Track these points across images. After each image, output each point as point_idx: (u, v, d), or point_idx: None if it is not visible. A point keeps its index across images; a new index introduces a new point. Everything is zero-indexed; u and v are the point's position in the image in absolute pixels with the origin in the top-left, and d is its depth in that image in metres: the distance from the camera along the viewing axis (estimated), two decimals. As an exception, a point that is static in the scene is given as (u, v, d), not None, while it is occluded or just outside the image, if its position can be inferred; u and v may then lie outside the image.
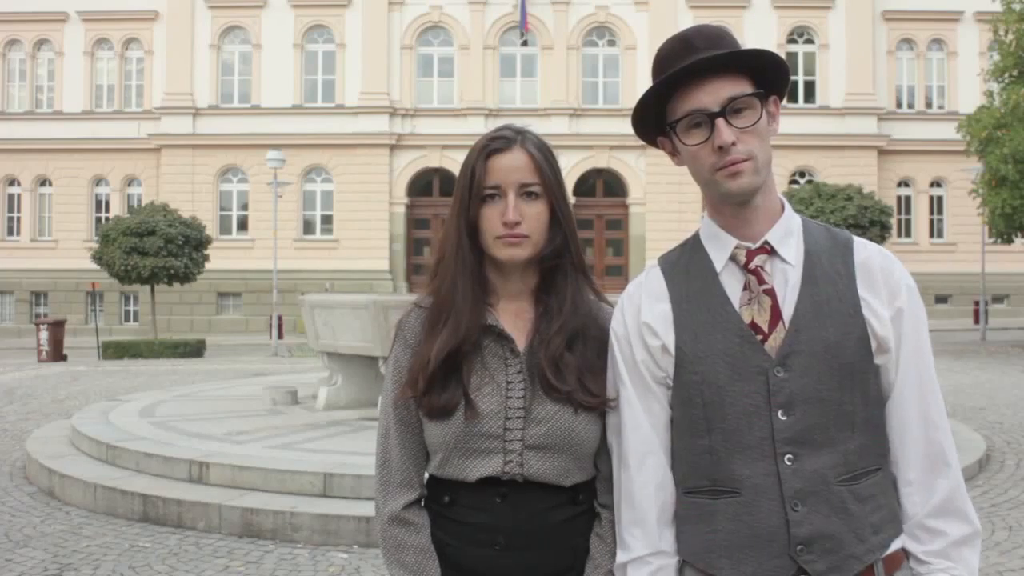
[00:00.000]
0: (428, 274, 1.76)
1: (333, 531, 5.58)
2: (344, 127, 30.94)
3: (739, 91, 1.49)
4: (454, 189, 1.71)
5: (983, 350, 20.15)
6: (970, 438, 8.43)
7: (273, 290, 25.06)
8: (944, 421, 1.55)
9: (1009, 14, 20.55)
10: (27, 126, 31.70)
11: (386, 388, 1.72)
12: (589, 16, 31.32)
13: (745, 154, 1.48)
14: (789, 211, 1.60)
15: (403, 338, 1.72)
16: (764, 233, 1.55)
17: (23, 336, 28.70)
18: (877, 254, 1.56)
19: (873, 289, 1.52)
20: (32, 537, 5.78)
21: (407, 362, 1.69)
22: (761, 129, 1.51)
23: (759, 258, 1.54)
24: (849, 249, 1.55)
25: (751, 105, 1.49)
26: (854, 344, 1.48)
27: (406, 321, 1.73)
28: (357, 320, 8.22)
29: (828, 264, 1.53)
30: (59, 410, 11.25)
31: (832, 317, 1.49)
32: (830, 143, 30.71)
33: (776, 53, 1.53)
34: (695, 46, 1.50)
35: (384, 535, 1.69)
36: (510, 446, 1.61)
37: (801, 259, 1.54)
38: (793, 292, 1.52)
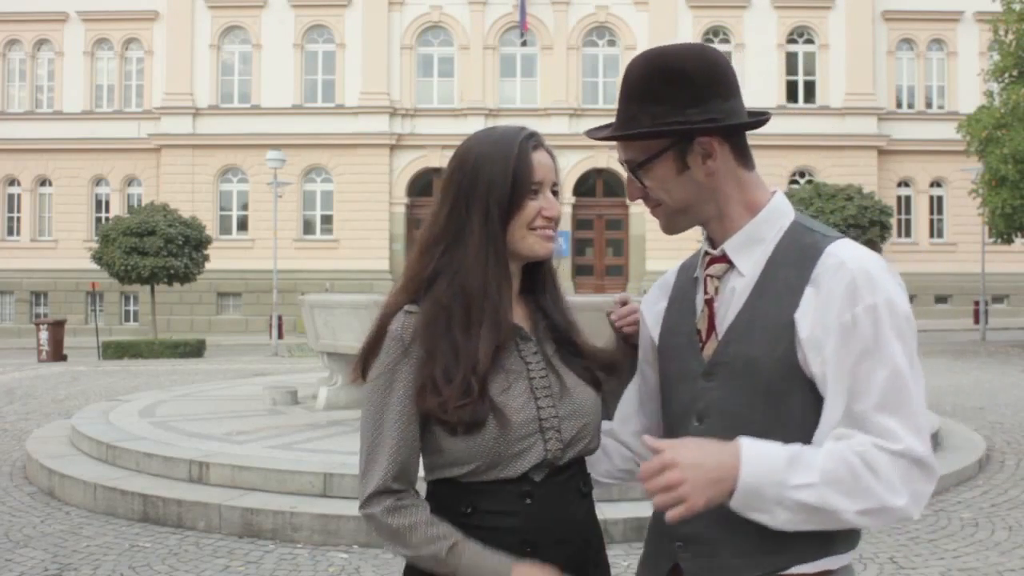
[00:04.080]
0: (412, 274, 1.63)
1: (333, 531, 5.58)
2: (344, 127, 30.95)
3: (631, 156, 1.52)
4: (468, 179, 1.61)
5: (983, 350, 20.15)
6: (970, 438, 8.45)
7: (273, 290, 25.06)
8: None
9: (1009, 14, 20.56)
10: (27, 126, 31.71)
11: (380, 401, 1.58)
12: (589, 16, 31.32)
13: (655, 201, 1.54)
14: (773, 215, 1.52)
15: (401, 346, 1.58)
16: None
17: (23, 336, 28.70)
18: (843, 265, 1.42)
19: (819, 304, 1.42)
20: (32, 537, 5.78)
21: (410, 373, 1.57)
22: (667, 181, 1.50)
23: (714, 267, 1.55)
24: (812, 260, 1.44)
25: (656, 164, 1.50)
26: (774, 363, 1.43)
27: (405, 327, 1.58)
28: (357, 320, 8.22)
29: (784, 276, 1.46)
30: (59, 410, 11.24)
31: (761, 333, 1.45)
32: (830, 143, 30.71)
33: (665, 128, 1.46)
34: (620, 96, 1.53)
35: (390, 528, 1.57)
36: (547, 424, 1.59)
37: (760, 269, 1.49)
38: (738, 303, 1.50)
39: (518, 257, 1.64)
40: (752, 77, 31.06)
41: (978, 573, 5.00)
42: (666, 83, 1.47)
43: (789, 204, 1.54)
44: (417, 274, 1.63)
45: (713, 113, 1.47)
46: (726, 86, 1.49)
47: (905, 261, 30.84)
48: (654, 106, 1.47)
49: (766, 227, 1.51)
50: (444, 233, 1.62)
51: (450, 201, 1.63)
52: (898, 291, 1.42)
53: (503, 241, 1.60)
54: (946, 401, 11.42)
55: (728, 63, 1.52)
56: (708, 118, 1.46)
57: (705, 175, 1.49)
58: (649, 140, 1.49)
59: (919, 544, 5.53)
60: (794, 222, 1.52)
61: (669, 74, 1.47)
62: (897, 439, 1.35)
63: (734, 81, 1.51)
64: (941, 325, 29.35)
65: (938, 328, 28.47)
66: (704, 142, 1.47)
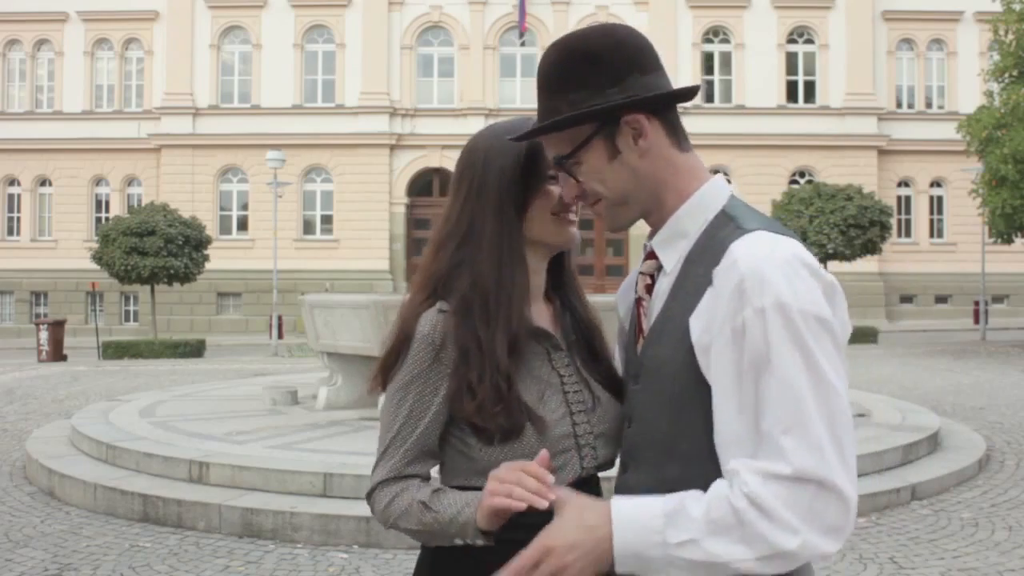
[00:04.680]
0: (428, 273, 1.58)
1: (333, 531, 5.58)
2: (344, 127, 30.95)
3: (559, 151, 1.43)
4: (478, 171, 1.57)
5: (983, 350, 20.15)
6: (970, 438, 8.45)
7: (273, 290, 25.06)
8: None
9: (1009, 14, 20.55)
10: (27, 126, 31.71)
11: (402, 400, 1.51)
12: (589, 16, 31.30)
13: (593, 198, 1.45)
14: (696, 207, 1.41)
15: (433, 349, 1.50)
16: None
17: (23, 336, 28.70)
18: (735, 264, 1.29)
19: (712, 306, 1.31)
20: (32, 537, 5.78)
21: (441, 377, 1.50)
22: (600, 171, 1.41)
23: (647, 263, 1.48)
24: (717, 256, 1.32)
25: (585, 154, 1.41)
26: (678, 369, 1.34)
27: (436, 326, 1.50)
28: (357, 320, 8.22)
29: (695, 274, 1.36)
30: (59, 410, 11.24)
31: (669, 336, 1.37)
32: (830, 143, 30.71)
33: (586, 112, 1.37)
34: (537, 92, 1.46)
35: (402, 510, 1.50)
36: (583, 441, 1.55)
37: (679, 267, 1.40)
38: (659, 303, 1.42)
39: (542, 246, 1.59)
40: (752, 77, 31.09)
41: (978, 573, 5.00)
42: (580, 67, 1.39)
43: (723, 190, 1.42)
44: (433, 272, 1.57)
45: (634, 90, 1.38)
46: (642, 61, 1.40)
47: (905, 261, 30.85)
48: (572, 93, 1.39)
49: (688, 220, 1.41)
50: (457, 228, 1.57)
51: (462, 195, 1.58)
52: (798, 291, 1.25)
53: (519, 231, 1.55)
54: (946, 401, 11.42)
55: (644, 38, 1.43)
56: (630, 95, 1.37)
57: (639, 157, 1.40)
58: (573, 128, 1.40)
59: (919, 544, 5.53)
60: (720, 212, 1.40)
61: (580, 57, 1.39)
62: (787, 460, 1.21)
63: (652, 55, 1.42)
64: (941, 325, 29.36)
65: (938, 328, 28.49)
66: (631, 120, 1.38)
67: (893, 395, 11.16)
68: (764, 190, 29.15)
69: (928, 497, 6.60)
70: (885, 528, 5.85)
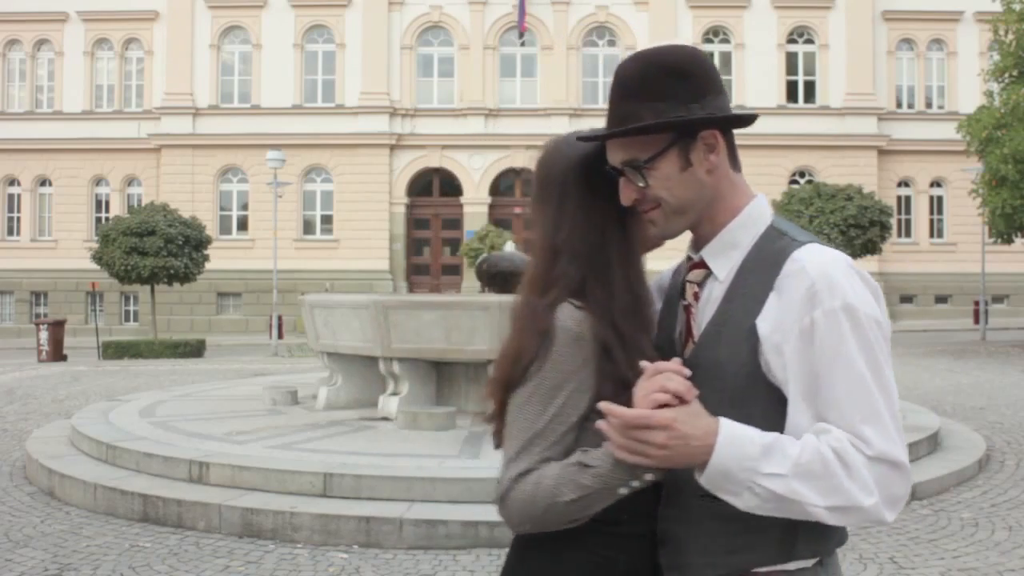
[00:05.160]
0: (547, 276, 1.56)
1: (333, 531, 5.58)
2: (344, 127, 30.95)
3: (632, 155, 1.50)
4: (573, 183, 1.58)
5: (983, 350, 20.15)
6: (970, 438, 8.45)
7: (273, 290, 25.06)
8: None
9: (1009, 14, 20.55)
10: (27, 126, 31.71)
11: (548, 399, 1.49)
12: (589, 16, 31.32)
13: (652, 203, 1.52)
14: (749, 219, 1.53)
15: (579, 345, 1.50)
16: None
17: (23, 336, 28.70)
18: (803, 270, 1.42)
19: (780, 309, 1.43)
20: (32, 537, 5.78)
21: (589, 378, 1.49)
22: (671, 179, 1.49)
23: (694, 273, 1.58)
24: (778, 265, 1.46)
25: (661, 161, 1.49)
26: (738, 369, 1.46)
27: (582, 324, 1.50)
28: (357, 320, 8.22)
29: (751, 281, 1.48)
30: (59, 410, 11.24)
31: (727, 338, 1.48)
32: (830, 143, 30.71)
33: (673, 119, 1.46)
34: (612, 96, 1.52)
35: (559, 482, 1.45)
36: None
37: (733, 275, 1.51)
38: (712, 308, 1.52)
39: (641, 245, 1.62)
40: (752, 77, 31.09)
41: (978, 573, 5.00)
42: (666, 79, 1.48)
43: (768, 208, 1.56)
44: (549, 274, 1.56)
45: (713, 108, 1.49)
46: (718, 83, 1.52)
47: (905, 261, 30.85)
48: (656, 102, 1.47)
49: (742, 232, 1.53)
50: (572, 232, 1.57)
51: (566, 199, 1.59)
52: (860, 295, 1.41)
53: (633, 231, 1.58)
54: (946, 401, 11.42)
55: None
56: (710, 112, 1.48)
57: (706, 171, 1.50)
58: (651, 136, 1.48)
59: (919, 544, 5.53)
60: (769, 226, 1.53)
61: (668, 70, 1.48)
62: (869, 445, 1.36)
63: (721, 81, 1.54)
64: (941, 325, 29.35)
65: (938, 328, 28.48)
66: (707, 136, 1.49)
67: (893, 395, 11.14)
68: (764, 190, 28.55)
69: (928, 497, 6.60)
70: (885, 528, 5.84)
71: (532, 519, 1.47)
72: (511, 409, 1.53)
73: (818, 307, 1.39)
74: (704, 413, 1.39)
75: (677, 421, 1.35)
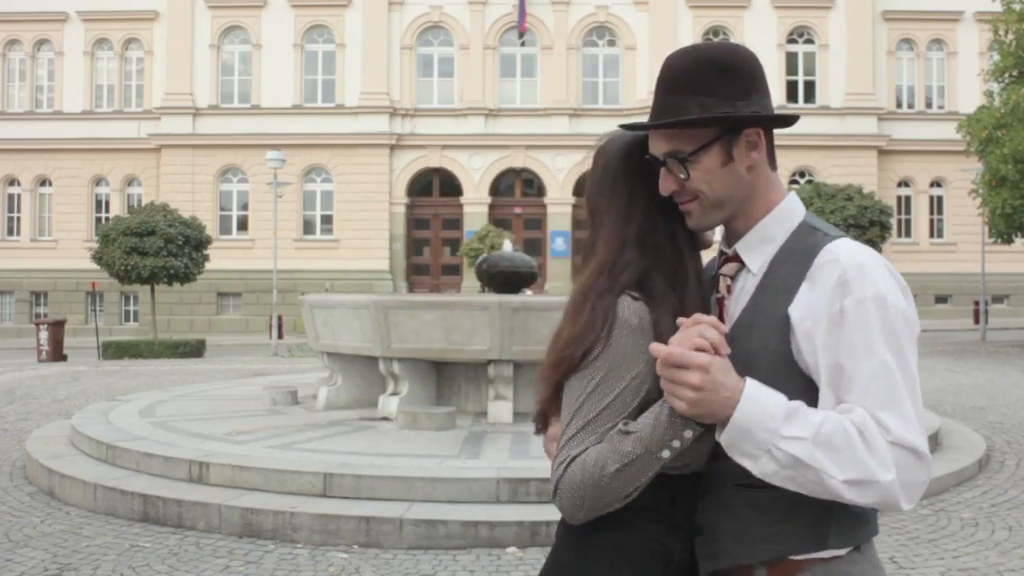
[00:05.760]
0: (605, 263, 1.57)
1: (333, 531, 5.58)
2: (344, 127, 30.96)
3: (675, 147, 1.53)
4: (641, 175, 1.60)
5: (983, 350, 20.15)
6: (970, 438, 8.44)
7: (273, 290, 25.07)
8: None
9: (1009, 14, 20.55)
10: (27, 126, 31.72)
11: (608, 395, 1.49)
12: (589, 16, 31.32)
13: (691, 195, 1.55)
14: (783, 215, 1.57)
15: (638, 336, 1.50)
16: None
17: (23, 336, 28.70)
18: (836, 260, 1.46)
19: (812, 297, 1.46)
20: (32, 537, 5.78)
21: (648, 370, 1.48)
22: (712, 172, 1.52)
23: (728, 266, 1.61)
24: (811, 257, 1.49)
25: (704, 155, 1.52)
26: (769, 356, 1.48)
27: (639, 315, 1.51)
28: (357, 320, 8.22)
29: (784, 273, 1.51)
30: (59, 410, 11.24)
31: (760, 328, 1.51)
32: (830, 143, 30.71)
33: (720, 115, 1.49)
34: (659, 88, 1.55)
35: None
36: None
37: (765, 268, 1.55)
38: (744, 300, 1.56)
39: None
40: (752, 77, 31.09)
41: (978, 573, 5.00)
42: (714, 75, 1.51)
43: (800, 204, 1.60)
44: (609, 263, 1.57)
45: (758, 107, 1.53)
46: (764, 83, 1.56)
47: (905, 261, 30.83)
48: (704, 97, 1.50)
49: (776, 227, 1.56)
50: (629, 222, 1.59)
51: (625, 188, 1.61)
52: (891, 286, 1.45)
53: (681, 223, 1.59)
54: (946, 401, 11.42)
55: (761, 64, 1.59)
56: (755, 110, 1.52)
57: (747, 168, 1.54)
58: (698, 129, 1.52)
59: (919, 544, 5.53)
60: (802, 222, 1.57)
61: (719, 66, 1.52)
62: (887, 430, 1.38)
63: (766, 80, 1.58)
64: (941, 325, 29.34)
65: (938, 328, 28.46)
66: (750, 133, 1.53)
67: (893, 395, 11.13)
68: (764, 190, 29.17)
69: (928, 497, 6.59)
70: (885, 528, 5.84)
71: (583, 501, 1.46)
72: (567, 394, 1.53)
73: (848, 295, 1.43)
74: (733, 371, 1.41)
75: (714, 367, 1.38)
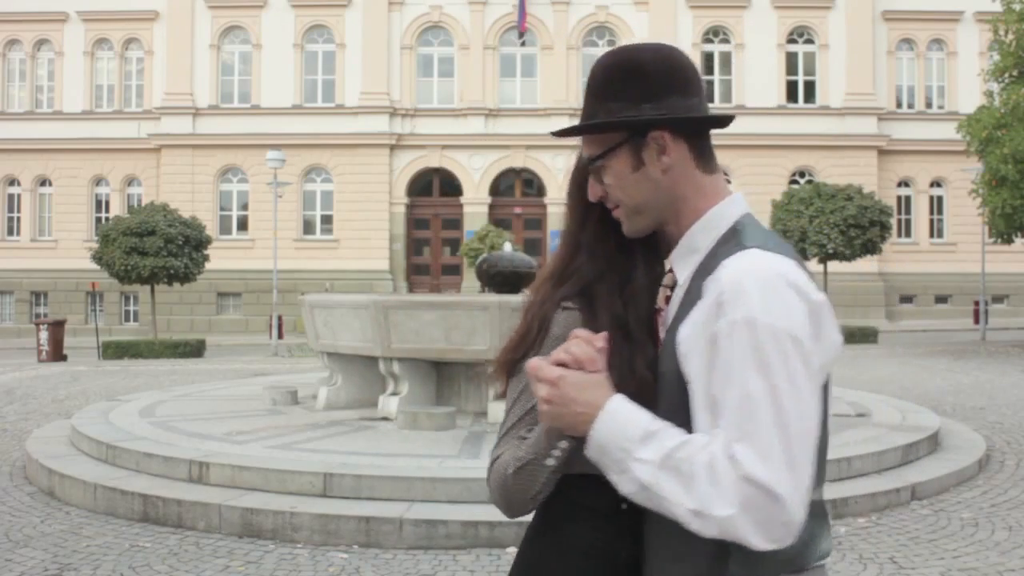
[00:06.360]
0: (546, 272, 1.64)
1: (333, 531, 5.58)
2: (344, 127, 30.95)
3: (590, 152, 1.52)
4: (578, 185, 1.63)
5: (983, 350, 20.15)
6: (970, 438, 8.44)
7: (273, 290, 25.06)
8: None
9: (1009, 14, 20.54)
10: (27, 126, 31.71)
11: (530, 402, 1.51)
12: (589, 16, 31.32)
13: (614, 202, 1.52)
14: (712, 222, 1.47)
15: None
16: None
17: (23, 336, 28.69)
18: (719, 278, 1.36)
19: (698, 315, 1.38)
20: (32, 537, 5.78)
21: None
22: (623, 178, 1.49)
23: (668, 276, 1.56)
24: (714, 269, 1.39)
25: (612, 160, 1.49)
26: (673, 378, 1.41)
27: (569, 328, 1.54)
28: (357, 320, 8.23)
29: (696, 287, 1.43)
30: (59, 410, 11.24)
31: (668, 347, 1.44)
32: (830, 143, 30.71)
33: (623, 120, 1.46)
34: (586, 91, 1.54)
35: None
36: None
37: (689, 280, 1.47)
38: (671, 316, 1.49)
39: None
40: (752, 77, 31.10)
41: (978, 573, 5.00)
42: (624, 79, 1.47)
43: (735, 208, 1.48)
44: (550, 271, 1.62)
45: (670, 109, 1.45)
46: (685, 84, 1.47)
47: (905, 261, 30.86)
48: (612, 102, 1.47)
49: (702, 235, 1.47)
50: (568, 228, 1.63)
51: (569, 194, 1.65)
52: (773, 308, 1.30)
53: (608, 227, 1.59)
54: (946, 401, 11.42)
55: (692, 65, 1.50)
56: (663, 113, 1.45)
57: (661, 172, 1.47)
58: (608, 135, 1.48)
59: (919, 544, 5.53)
60: (728, 229, 1.45)
61: (627, 70, 1.47)
62: (737, 464, 1.25)
63: (696, 82, 1.49)
64: (941, 325, 29.36)
65: (938, 328, 28.49)
66: (657, 136, 1.45)
67: (893, 395, 11.15)
68: (764, 190, 29.13)
69: (928, 497, 6.60)
70: (885, 528, 5.85)
71: (500, 498, 1.53)
72: (507, 395, 1.58)
73: (722, 317, 1.32)
74: (603, 387, 1.37)
75: (564, 380, 1.35)
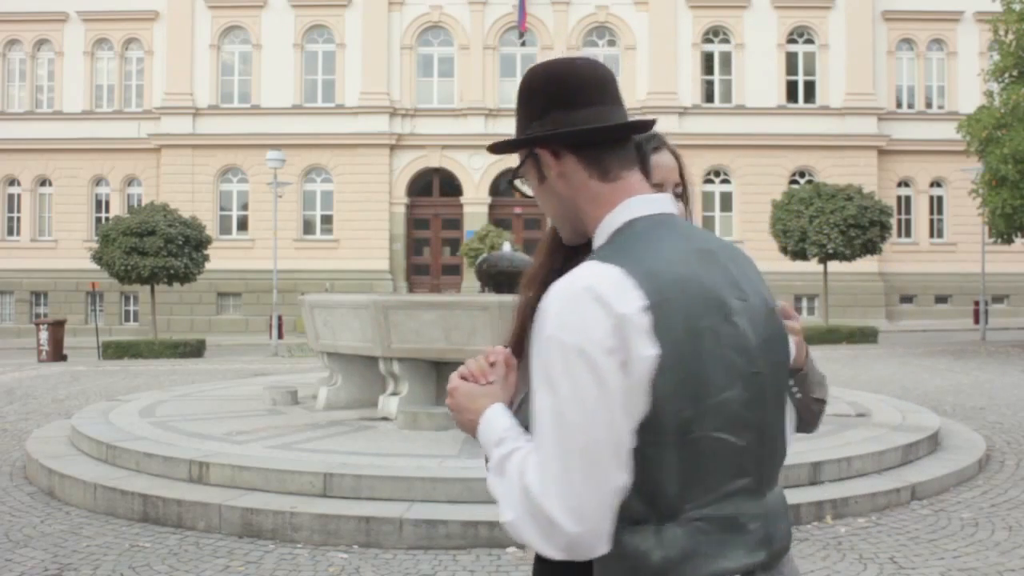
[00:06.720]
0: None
1: (333, 531, 5.58)
2: (344, 127, 30.95)
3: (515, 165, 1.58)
4: None
5: (983, 350, 20.15)
6: (970, 438, 8.44)
7: (273, 290, 25.06)
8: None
9: (1009, 14, 20.53)
10: (27, 126, 31.71)
11: None
12: (589, 16, 31.32)
13: (545, 213, 1.59)
14: (603, 231, 1.46)
15: None
16: None
17: (23, 336, 28.70)
18: (549, 291, 1.35)
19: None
20: (32, 537, 5.78)
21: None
22: (536, 191, 1.55)
23: None
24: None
25: (527, 174, 1.56)
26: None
27: None
28: (357, 320, 8.22)
29: None
30: (59, 410, 11.24)
31: None
32: (830, 143, 30.71)
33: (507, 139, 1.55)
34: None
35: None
36: None
37: None
38: None
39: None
40: (752, 77, 31.09)
41: (978, 573, 5.00)
42: (521, 98, 1.54)
43: (627, 214, 1.44)
44: (538, 268, 1.66)
45: (553, 125, 1.47)
46: (569, 97, 1.46)
47: (905, 261, 30.85)
48: (519, 120, 1.55)
49: (598, 245, 1.47)
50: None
51: None
52: (562, 323, 1.29)
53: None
54: (946, 401, 11.42)
55: (585, 74, 1.46)
56: (547, 129, 1.48)
57: (561, 185, 1.49)
58: (520, 150, 1.55)
59: (919, 544, 5.53)
60: (608, 237, 1.44)
61: (523, 89, 1.54)
62: (523, 475, 1.32)
63: (586, 91, 1.45)
64: (941, 325, 29.36)
65: (938, 328, 28.48)
66: (541, 153, 1.50)
67: (893, 395, 11.15)
68: (764, 190, 29.17)
69: (928, 497, 6.60)
70: (885, 528, 5.85)
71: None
72: None
73: (536, 335, 1.35)
74: (489, 396, 1.49)
75: (458, 391, 1.51)
